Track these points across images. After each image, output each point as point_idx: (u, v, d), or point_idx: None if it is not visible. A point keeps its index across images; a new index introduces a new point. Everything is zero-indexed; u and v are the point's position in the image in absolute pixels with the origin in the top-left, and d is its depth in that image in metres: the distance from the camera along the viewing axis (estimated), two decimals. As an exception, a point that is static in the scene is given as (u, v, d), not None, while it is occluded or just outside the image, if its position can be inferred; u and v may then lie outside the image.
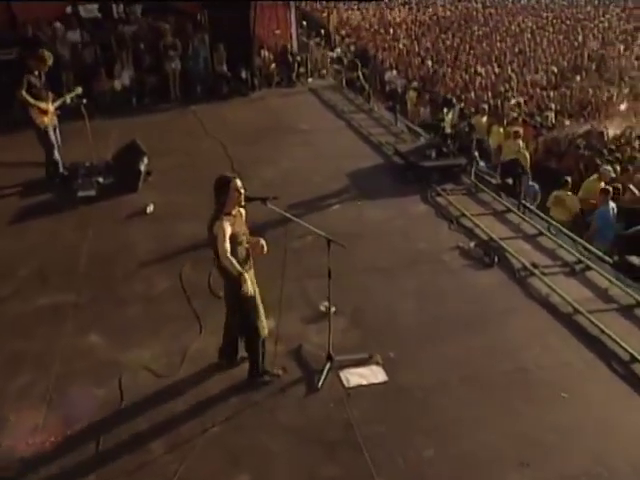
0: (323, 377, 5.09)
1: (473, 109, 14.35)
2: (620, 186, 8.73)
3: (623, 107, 14.53)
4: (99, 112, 12.29)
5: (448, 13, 28.07)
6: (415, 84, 17.69)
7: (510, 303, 6.10)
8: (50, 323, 6.02)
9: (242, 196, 4.72)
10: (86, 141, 9.74)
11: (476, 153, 9.90)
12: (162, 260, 7.24)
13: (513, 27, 24.30)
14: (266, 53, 15.74)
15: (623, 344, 5.25)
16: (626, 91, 15.45)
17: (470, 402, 4.80)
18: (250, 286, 4.63)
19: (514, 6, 29.87)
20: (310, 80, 16.05)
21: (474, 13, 27.68)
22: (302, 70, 16.34)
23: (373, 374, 5.18)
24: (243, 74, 14.72)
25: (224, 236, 4.54)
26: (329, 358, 5.21)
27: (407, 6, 29.79)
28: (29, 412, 4.87)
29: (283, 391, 5.04)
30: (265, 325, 4.98)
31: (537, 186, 10.18)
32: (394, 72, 19.20)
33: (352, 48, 23.14)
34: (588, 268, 6.62)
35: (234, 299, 4.80)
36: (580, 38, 22.14)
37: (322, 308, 6.10)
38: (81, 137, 9.83)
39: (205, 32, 15.06)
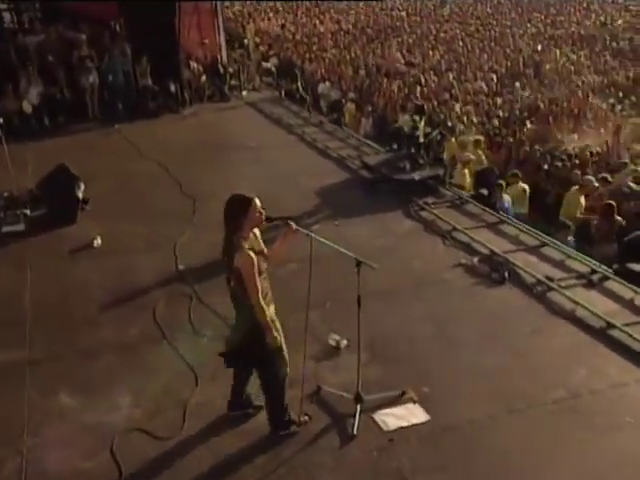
0: (357, 422, 4.72)
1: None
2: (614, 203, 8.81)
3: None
4: (7, 135, 11.43)
5: (372, 22, 28.65)
6: (352, 95, 17.76)
7: (536, 322, 5.99)
8: (6, 385, 5.32)
9: (262, 216, 4.33)
10: (2, 168, 8.98)
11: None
12: (126, 300, 6.66)
13: (442, 35, 25.09)
14: (195, 65, 15.31)
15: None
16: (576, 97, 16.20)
17: (529, 436, 4.58)
18: (278, 336, 4.29)
19: (437, 13, 30.96)
20: (245, 93, 15.75)
21: (400, 22, 28.40)
22: (234, 82, 16.04)
23: (412, 414, 4.87)
24: (172, 88, 14.20)
25: (254, 271, 4.14)
26: (358, 399, 4.85)
27: (329, 15, 30.15)
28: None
29: (315, 443, 4.62)
30: (288, 363, 4.56)
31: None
32: (327, 84, 19.23)
33: (275, 60, 23.07)
34: (605, 278, 6.65)
35: (250, 336, 4.36)
36: (512, 44, 23.15)
37: (332, 342, 5.77)
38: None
39: (125, 42, 14.46)
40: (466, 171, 10.34)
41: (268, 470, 4.40)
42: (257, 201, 4.35)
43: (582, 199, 9.47)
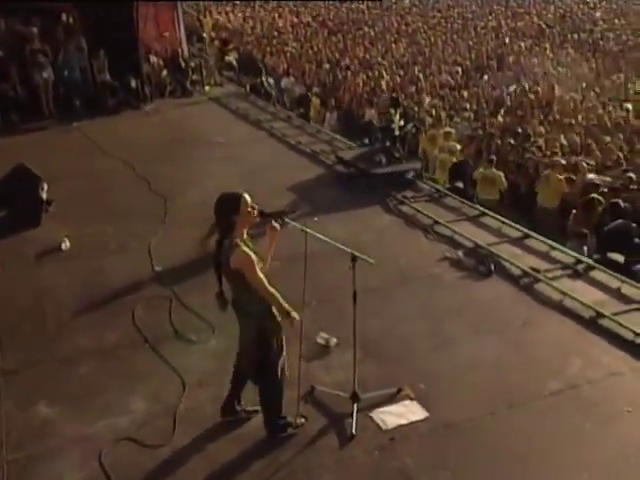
0: (355, 421, 4.69)
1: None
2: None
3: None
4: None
5: (332, 15, 28.68)
6: (316, 90, 17.73)
7: (526, 314, 6.06)
8: (-21, 398, 5.12)
9: (256, 212, 4.26)
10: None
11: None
12: (101, 304, 6.49)
13: (404, 28, 25.28)
14: (155, 59, 15.07)
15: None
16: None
17: (531, 430, 4.61)
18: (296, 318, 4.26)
19: (398, 6, 31.13)
20: (208, 88, 15.57)
21: (360, 14, 28.51)
22: (196, 77, 15.84)
23: (410, 411, 4.86)
24: (133, 83, 13.94)
25: (255, 267, 4.08)
26: (355, 398, 4.82)
27: (288, 8, 30.05)
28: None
29: (313, 444, 4.58)
30: (286, 366, 4.51)
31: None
32: (291, 79, 19.16)
33: (235, 54, 22.90)
34: (590, 268, 6.77)
35: (258, 339, 4.31)
36: (474, 37, 23.46)
37: (320, 341, 5.74)
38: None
39: (80, 36, 14.12)
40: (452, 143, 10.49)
41: (266, 475, 4.34)
42: (247, 197, 4.28)
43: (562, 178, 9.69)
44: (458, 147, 10.91)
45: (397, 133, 9.37)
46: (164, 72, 15.02)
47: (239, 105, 14.01)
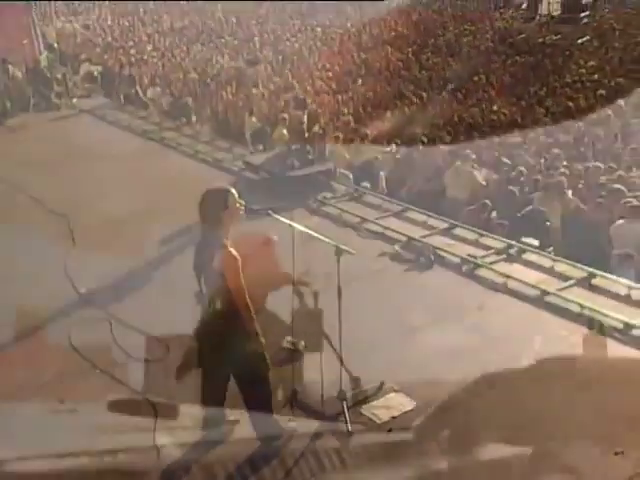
0: (348, 419, 4.74)
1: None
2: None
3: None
4: None
5: (188, 22, 28.45)
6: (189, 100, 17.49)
7: (477, 298, 6.42)
8: None
9: (242, 208, 4.24)
10: None
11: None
12: (28, 336, 6.03)
13: (266, 36, 25.60)
14: (12, 69, 14.18)
15: (610, 313, 5.91)
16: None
17: (521, 406, 4.89)
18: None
19: (254, 14, 31.36)
20: (75, 100, 14.87)
21: (217, 23, 28.50)
22: (59, 89, 15.08)
23: (399, 402, 5.01)
24: (-12, 97, 13.06)
25: (239, 273, 4.00)
26: (342, 396, 4.87)
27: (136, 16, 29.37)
28: None
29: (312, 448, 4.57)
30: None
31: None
32: (157, 89, 18.72)
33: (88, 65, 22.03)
34: (522, 251, 7.30)
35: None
36: (339, 44, 24.28)
37: (288, 345, 5.71)
38: None
39: None
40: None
41: (272, 485, 4.28)
42: (234, 191, 4.26)
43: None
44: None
45: (307, 135, 9.53)
46: (24, 84, 14.17)
47: (118, 117, 13.53)
